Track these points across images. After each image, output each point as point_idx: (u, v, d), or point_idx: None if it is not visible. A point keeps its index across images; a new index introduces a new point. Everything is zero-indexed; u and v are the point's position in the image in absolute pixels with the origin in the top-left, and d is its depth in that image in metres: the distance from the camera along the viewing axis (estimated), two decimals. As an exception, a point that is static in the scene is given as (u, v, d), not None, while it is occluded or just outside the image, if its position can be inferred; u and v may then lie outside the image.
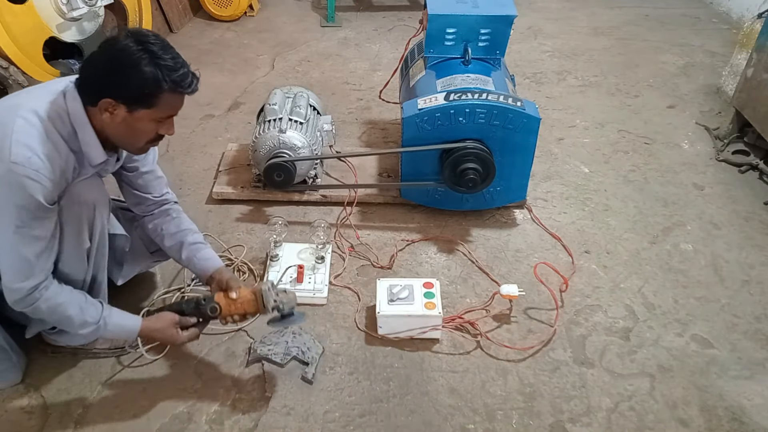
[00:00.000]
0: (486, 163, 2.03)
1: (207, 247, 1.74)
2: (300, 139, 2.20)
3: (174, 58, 1.35)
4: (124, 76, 1.31)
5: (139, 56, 1.30)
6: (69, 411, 1.63)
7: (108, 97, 1.33)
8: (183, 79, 1.37)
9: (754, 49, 2.51)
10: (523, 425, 1.61)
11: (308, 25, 3.95)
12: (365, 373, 1.74)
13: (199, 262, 1.70)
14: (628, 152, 2.71)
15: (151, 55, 1.31)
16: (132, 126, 1.39)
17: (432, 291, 1.84)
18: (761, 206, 2.37)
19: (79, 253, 1.52)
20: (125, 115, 1.36)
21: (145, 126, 1.41)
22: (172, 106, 1.41)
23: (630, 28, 3.90)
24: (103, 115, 1.36)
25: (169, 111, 1.41)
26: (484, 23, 2.19)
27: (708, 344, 1.84)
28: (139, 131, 1.42)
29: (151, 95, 1.34)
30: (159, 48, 1.33)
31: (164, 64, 1.33)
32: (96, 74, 1.35)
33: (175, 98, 1.40)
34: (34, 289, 1.41)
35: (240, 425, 1.60)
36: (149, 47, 1.32)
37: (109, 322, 1.53)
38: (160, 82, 1.33)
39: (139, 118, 1.38)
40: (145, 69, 1.31)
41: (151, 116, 1.38)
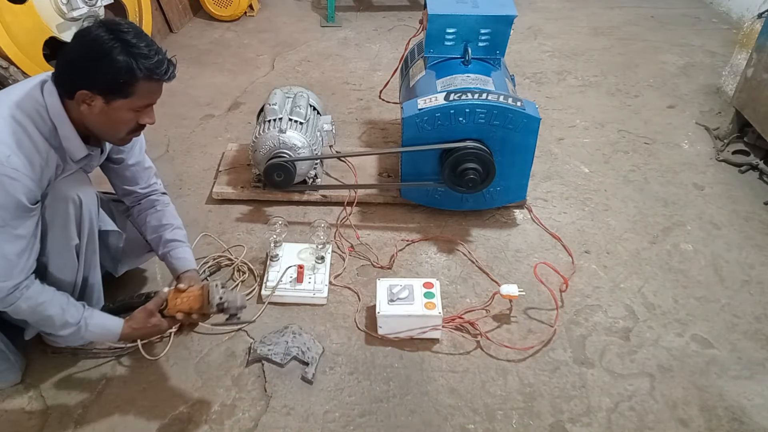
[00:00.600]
0: (486, 163, 2.03)
1: (183, 246, 1.73)
2: (300, 139, 2.20)
3: (148, 45, 1.34)
4: (97, 66, 1.30)
5: (111, 45, 1.29)
6: (69, 411, 1.63)
7: (84, 89, 1.32)
8: (158, 66, 1.35)
9: (754, 49, 2.51)
10: (523, 425, 1.61)
11: (308, 25, 3.95)
12: (365, 373, 1.74)
13: (172, 260, 1.71)
14: (628, 152, 2.71)
15: (124, 43, 1.30)
16: (111, 116, 1.38)
17: (432, 291, 1.84)
18: (761, 206, 2.37)
19: (67, 250, 1.51)
20: (103, 106, 1.35)
21: (124, 115, 1.39)
22: (149, 94, 1.39)
23: (630, 28, 3.90)
24: (81, 107, 1.35)
25: (146, 99, 1.40)
26: (484, 23, 2.19)
27: (708, 344, 1.84)
28: (118, 121, 1.40)
29: (126, 84, 1.33)
30: (132, 36, 1.32)
31: (138, 52, 1.31)
32: (70, 66, 1.34)
33: (151, 86, 1.37)
34: (15, 289, 1.40)
35: (240, 425, 1.60)
36: (121, 36, 1.30)
37: (90, 323, 1.52)
38: (134, 71, 1.31)
39: (117, 108, 1.36)
40: (118, 58, 1.29)
41: (128, 105, 1.37)
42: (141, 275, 2.01)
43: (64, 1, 2.73)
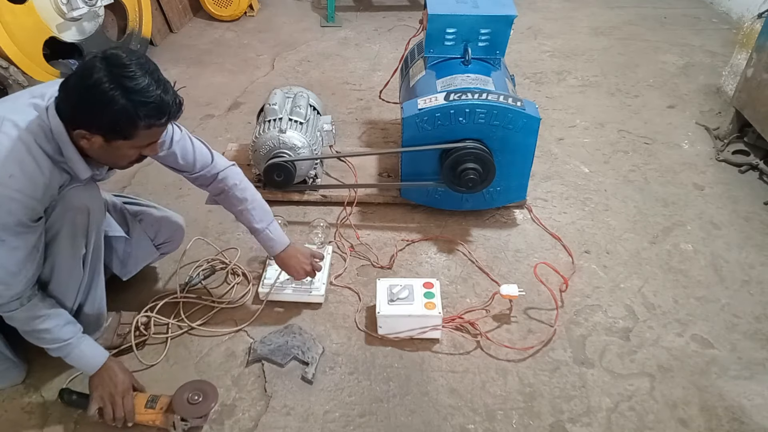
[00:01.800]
0: (486, 163, 2.03)
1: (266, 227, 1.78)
2: (300, 139, 2.20)
3: (152, 86, 1.28)
4: (96, 112, 1.27)
5: (112, 94, 1.24)
6: (69, 411, 1.62)
7: (82, 129, 1.30)
8: (159, 112, 1.30)
9: (754, 49, 2.51)
10: (523, 425, 1.61)
11: (308, 25, 3.96)
12: (365, 373, 1.74)
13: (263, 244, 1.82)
14: (628, 152, 2.71)
15: (124, 89, 1.25)
16: (111, 152, 1.36)
17: (432, 291, 1.84)
18: (761, 206, 2.37)
19: (74, 259, 1.51)
20: (102, 143, 1.33)
21: (126, 152, 1.38)
22: (150, 136, 1.36)
23: (630, 28, 3.91)
24: (80, 141, 1.33)
25: (148, 140, 1.37)
26: (484, 23, 2.19)
27: (708, 344, 1.84)
28: (119, 156, 1.39)
29: (126, 130, 1.30)
30: (135, 78, 1.26)
31: (139, 99, 1.26)
32: (69, 105, 1.30)
33: (156, 129, 1.34)
34: (14, 299, 1.40)
35: (240, 425, 1.60)
36: (123, 81, 1.25)
37: (81, 343, 1.52)
38: (134, 119, 1.27)
39: (116, 147, 1.34)
40: (116, 107, 1.25)
41: (130, 145, 1.35)
42: (146, 279, 2.01)
43: (64, 1, 2.73)
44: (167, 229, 1.90)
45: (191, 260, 2.07)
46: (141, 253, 1.86)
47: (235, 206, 1.77)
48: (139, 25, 3.31)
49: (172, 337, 1.81)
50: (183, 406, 1.52)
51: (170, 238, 1.92)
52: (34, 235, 1.38)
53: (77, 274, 1.55)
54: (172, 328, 1.84)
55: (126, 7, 3.20)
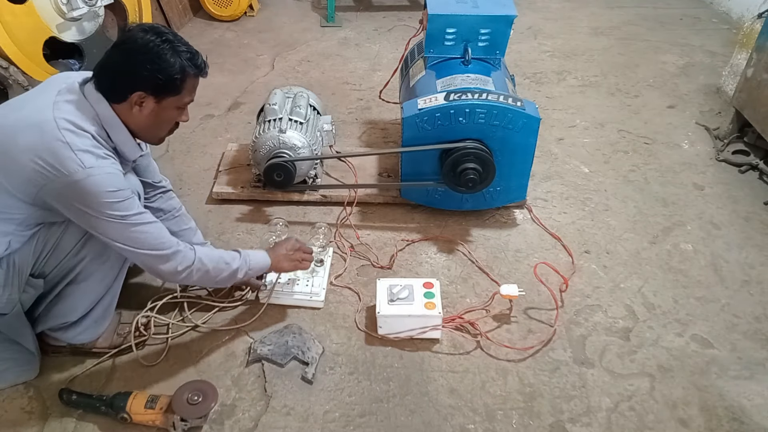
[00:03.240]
0: (486, 163, 2.03)
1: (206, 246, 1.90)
2: (300, 139, 2.20)
3: (187, 45, 1.48)
4: (154, 68, 1.39)
5: (163, 47, 1.40)
6: (69, 411, 1.62)
7: (140, 91, 1.41)
8: (200, 64, 1.50)
9: (754, 49, 2.51)
10: (523, 425, 1.61)
11: (308, 25, 3.95)
12: (365, 373, 1.74)
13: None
14: (628, 152, 2.71)
15: (171, 45, 1.42)
16: (159, 115, 1.48)
17: (432, 291, 1.84)
18: (761, 206, 2.37)
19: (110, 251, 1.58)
20: (153, 105, 1.45)
21: (170, 114, 1.51)
22: (193, 89, 1.53)
23: (630, 28, 3.90)
24: (132, 109, 1.44)
25: (191, 95, 1.53)
26: (484, 23, 2.19)
27: (708, 344, 1.84)
28: (164, 120, 1.52)
29: (178, 81, 1.44)
30: (174, 38, 1.44)
31: (182, 50, 1.44)
32: (124, 71, 1.40)
33: (195, 82, 1.52)
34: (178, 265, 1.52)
35: (240, 425, 1.60)
36: (167, 38, 1.42)
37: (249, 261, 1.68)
38: (185, 69, 1.44)
39: (165, 107, 1.47)
40: (171, 59, 1.41)
41: (176, 103, 1.49)
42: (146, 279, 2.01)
43: (64, 1, 2.73)
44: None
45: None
46: None
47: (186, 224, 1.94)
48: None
49: (172, 338, 1.81)
50: (183, 406, 1.52)
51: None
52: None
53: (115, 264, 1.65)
54: (173, 328, 1.84)
55: (126, 7, 3.20)
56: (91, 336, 1.71)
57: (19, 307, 1.52)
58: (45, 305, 1.61)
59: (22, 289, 1.49)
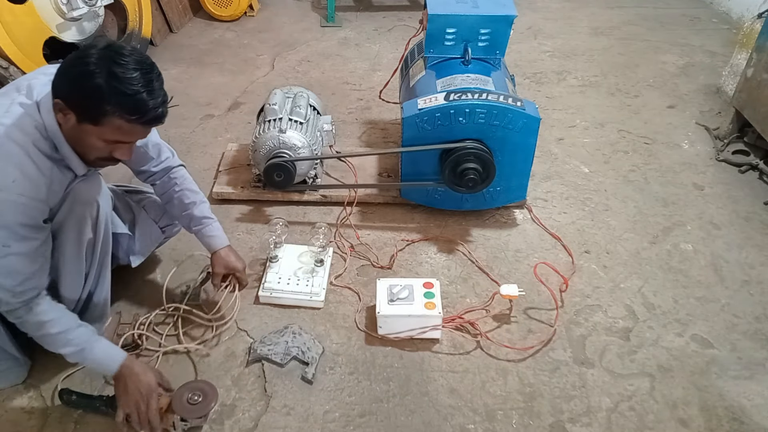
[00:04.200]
0: (486, 163, 2.03)
1: (213, 223, 1.80)
2: (300, 139, 2.20)
3: (139, 83, 1.24)
4: (75, 83, 1.25)
5: (95, 69, 1.22)
6: (69, 411, 1.63)
7: (59, 99, 1.27)
8: (134, 107, 1.25)
9: (754, 49, 2.51)
10: (523, 425, 1.61)
11: (308, 25, 3.95)
12: (365, 373, 1.74)
13: (205, 239, 1.80)
14: (628, 152, 2.71)
15: (110, 74, 1.22)
16: (80, 137, 1.32)
17: (432, 291, 1.84)
18: (761, 206, 2.37)
19: (81, 252, 1.53)
20: (74, 123, 1.29)
21: (93, 142, 1.32)
22: (120, 132, 1.30)
23: (630, 28, 3.90)
24: (57, 114, 1.30)
25: (117, 136, 1.31)
26: (484, 23, 2.19)
27: (708, 344, 1.84)
28: (87, 145, 1.34)
29: (95, 112, 1.26)
30: (126, 68, 1.23)
31: (119, 87, 1.23)
32: (59, 74, 1.28)
33: (123, 124, 1.28)
34: (24, 304, 1.40)
35: (240, 425, 1.60)
36: (113, 66, 1.22)
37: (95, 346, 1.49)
38: (102, 102, 1.23)
39: (86, 132, 1.30)
40: (93, 83, 1.22)
41: (97, 134, 1.30)
42: (146, 279, 2.01)
43: (64, 1, 2.73)
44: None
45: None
46: (148, 238, 1.88)
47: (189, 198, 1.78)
48: (139, 25, 3.31)
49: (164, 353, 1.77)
50: (183, 406, 1.52)
51: (170, 224, 1.94)
52: (39, 240, 1.38)
53: (82, 267, 1.56)
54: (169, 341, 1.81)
55: (126, 7, 3.20)
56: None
57: None
58: None
59: None
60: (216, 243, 1.79)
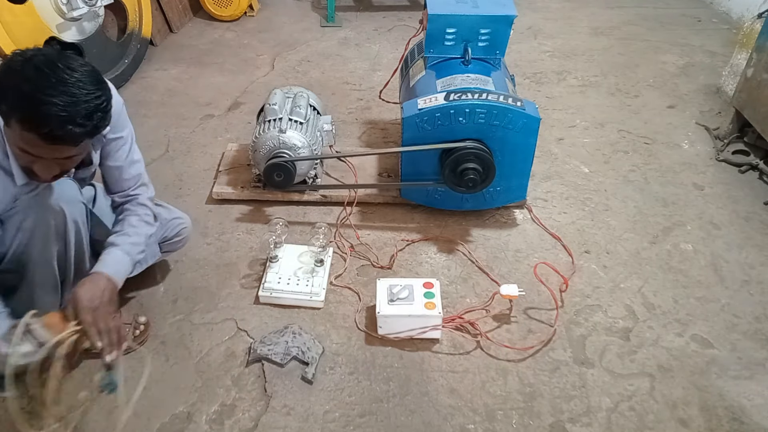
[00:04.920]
0: (486, 163, 2.03)
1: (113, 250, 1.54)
2: (300, 139, 2.20)
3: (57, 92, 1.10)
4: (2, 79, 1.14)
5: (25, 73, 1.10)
6: (69, 411, 1.62)
7: None
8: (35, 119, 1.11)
9: (754, 49, 2.51)
10: (523, 425, 1.61)
11: (308, 25, 3.95)
12: (365, 373, 1.74)
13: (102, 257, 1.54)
14: (628, 152, 2.71)
15: (39, 83, 1.10)
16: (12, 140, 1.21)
17: (432, 291, 1.84)
18: (761, 206, 2.37)
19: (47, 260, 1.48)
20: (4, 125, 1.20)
21: (15, 147, 1.21)
22: (26, 143, 1.17)
23: (630, 28, 3.90)
24: None
25: (24, 145, 1.18)
26: (484, 23, 2.19)
27: (708, 344, 1.84)
28: (12, 146, 1.23)
29: (5, 110, 1.15)
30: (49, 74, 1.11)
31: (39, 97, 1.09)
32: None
33: (28, 136, 1.14)
34: None
35: (240, 425, 1.60)
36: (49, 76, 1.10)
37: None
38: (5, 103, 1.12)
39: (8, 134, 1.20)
40: (11, 83, 1.11)
41: (11, 137, 1.19)
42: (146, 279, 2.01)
43: (64, 1, 2.73)
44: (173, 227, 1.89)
45: (191, 260, 2.08)
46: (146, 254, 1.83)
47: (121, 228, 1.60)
48: (139, 25, 3.31)
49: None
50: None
51: (176, 236, 1.91)
52: None
53: (51, 276, 1.52)
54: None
55: (126, 7, 3.20)
56: None
57: None
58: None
59: None
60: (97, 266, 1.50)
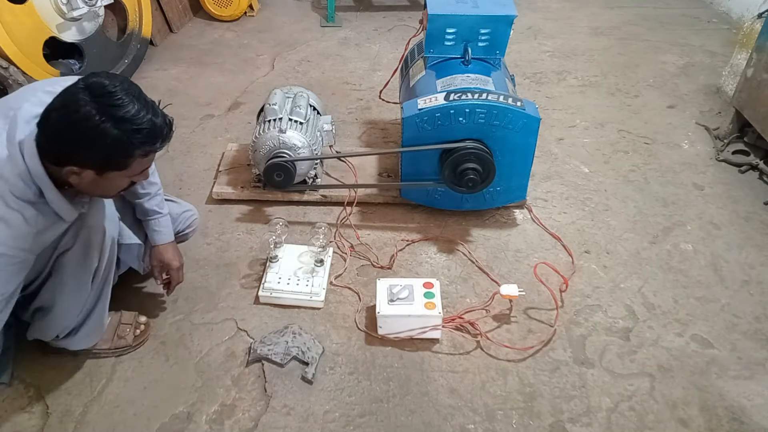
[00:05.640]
0: (486, 163, 2.03)
1: (160, 218, 1.76)
2: (300, 139, 2.20)
3: (141, 111, 1.23)
4: (88, 148, 1.22)
5: (103, 127, 1.19)
6: (69, 411, 1.63)
7: (73, 166, 1.25)
8: (152, 137, 1.26)
9: (754, 49, 2.51)
10: (523, 425, 1.61)
11: (308, 25, 3.95)
12: (365, 373, 1.74)
13: (149, 231, 1.77)
14: (628, 152, 2.71)
15: (115, 120, 1.20)
16: (103, 184, 1.32)
17: (432, 291, 1.84)
18: (761, 206, 2.37)
19: (84, 276, 1.52)
20: (94, 176, 1.28)
21: (118, 182, 1.35)
22: (145, 162, 1.33)
23: (630, 28, 3.90)
24: (70, 177, 1.27)
25: (142, 167, 1.34)
26: (484, 23, 2.19)
27: (708, 344, 1.84)
28: (111, 188, 1.37)
29: (120, 160, 1.27)
30: (124, 105, 1.21)
31: (131, 127, 1.22)
32: (58, 142, 1.24)
33: (148, 157, 1.32)
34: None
35: (240, 425, 1.60)
36: (111, 111, 1.20)
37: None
38: (128, 149, 1.24)
39: (110, 178, 1.31)
40: (109, 139, 1.20)
41: (123, 175, 1.32)
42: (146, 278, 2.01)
43: (64, 1, 2.73)
44: (184, 220, 1.94)
45: (191, 260, 2.08)
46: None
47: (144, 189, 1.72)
48: (139, 25, 3.31)
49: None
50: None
51: (188, 227, 1.96)
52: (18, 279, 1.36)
53: (84, 291, 1.56)
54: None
55: (126, 7, 3.20)
56: (90, 342, 1.71)
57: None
58: (35, 317, 1.60)
59: None
60: (157, 238, 1.78)
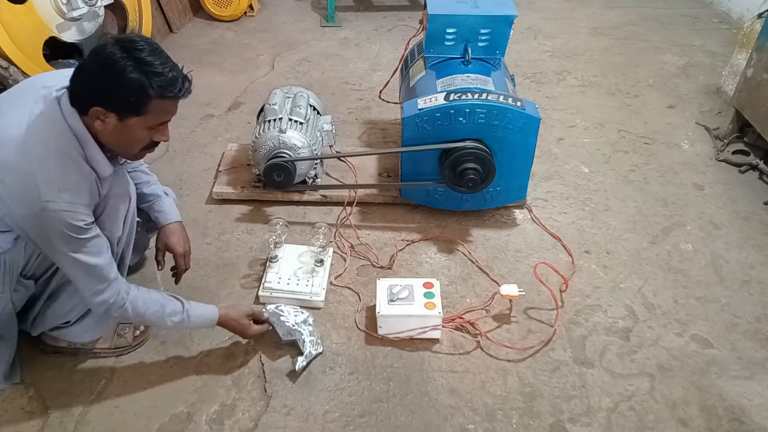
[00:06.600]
0: (486, 163, 2.03)
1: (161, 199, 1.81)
2: (300, 139, 2.20)
3: (163, 62, 1.33)
4: (110, 84, 1.30)
5: (125, 63, 1.29)
6: (69, 411, 1.63)
7: (97, 106, 1.32)
8: (171, 84, 1.34)
9: (754, 49, 2.51)
10: (523, 425, 1.61)
11: (308, 25, 3.95)
12: (365, 373, 1.74)
13: (153, 213, 1.81)
14: (628, 152, 2.71)
15: (137, 61, 1.30)
16: (124, 133, 1.38)
17: (432, 291, 1.84)
18: (761, 206, 2.37)
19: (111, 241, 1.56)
20: (117, 122, 1.35)
21: (138, 133, 1.40)
22: (163, 112, 1.39)
23: (630, 28, 3.90)
24: (95, 123, 1.35)
25: (161, 117, 1.40)
26: (484, 23, 2.19)
27: (708, 344, 1.84)
28: (132, 139, 1.41)
29: (139, 103, 1.33)
30: (146, 53, 1.31)
31: (151, 70, 1.31)
32: (85, 84, 1.33)
33: (165, 104, 1.37)
34: (118, 294, 1.48)
35: (240, 425, 1.60)
36: (135, 54, 1.30)
37: (191, 314, 1.61)
38: (146, 89, 1.31)
39: (131, 126, 1.37)
40: (130, 76, 1.29)
41: (143, 124, 1.37)
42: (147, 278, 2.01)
43: (64, 1, 2.73)
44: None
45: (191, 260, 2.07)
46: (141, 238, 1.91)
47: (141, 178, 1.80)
48: (139, 25, 3.31)
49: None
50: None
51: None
52: (96, 233, 1.44)
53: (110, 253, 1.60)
54: None
55: (126, 7, 3.20)
56: (92, 335, 1.72)
57: (10, 306, 1.52)
58: (40, 307, 1.61)
59: (12, 288, 1.48)
60: (162, 218, 1.80)
